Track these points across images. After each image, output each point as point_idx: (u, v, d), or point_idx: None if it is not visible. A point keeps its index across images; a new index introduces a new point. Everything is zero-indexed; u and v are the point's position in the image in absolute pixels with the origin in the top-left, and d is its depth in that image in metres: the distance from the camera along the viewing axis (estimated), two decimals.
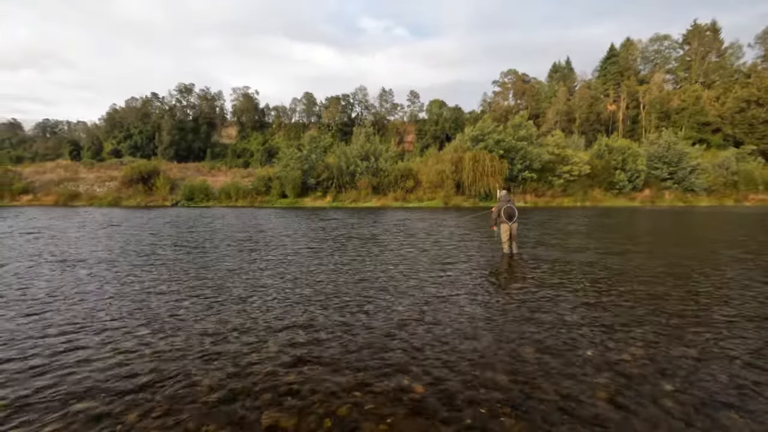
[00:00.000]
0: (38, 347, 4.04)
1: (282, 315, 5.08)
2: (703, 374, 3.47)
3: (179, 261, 8.65)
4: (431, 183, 34.43)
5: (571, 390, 3.20)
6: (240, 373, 3.50)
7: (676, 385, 3.28)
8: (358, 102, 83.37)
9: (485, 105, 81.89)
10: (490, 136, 34.71)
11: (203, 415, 2.87)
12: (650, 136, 44.49)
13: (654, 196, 37.90)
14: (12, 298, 5.86)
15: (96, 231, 14.40)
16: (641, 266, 8.11)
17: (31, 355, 3.86)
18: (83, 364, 3.65)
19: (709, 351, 3.97)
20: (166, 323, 4.76)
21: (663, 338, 4.28)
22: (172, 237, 12.71)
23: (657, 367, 3.61)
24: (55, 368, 3.57)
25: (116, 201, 34.07)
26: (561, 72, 78.05)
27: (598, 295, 5.99)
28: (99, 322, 4.81)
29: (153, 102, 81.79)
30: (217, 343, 4.15)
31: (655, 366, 3.63)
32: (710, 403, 3.03)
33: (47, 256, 9.27)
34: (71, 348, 4.03)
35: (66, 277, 7.18)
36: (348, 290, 6.29)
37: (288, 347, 4.06)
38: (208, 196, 34.86)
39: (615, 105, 68.40)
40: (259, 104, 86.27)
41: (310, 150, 36.46)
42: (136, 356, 3.85)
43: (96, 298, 5.87)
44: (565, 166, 36.35)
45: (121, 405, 2.99)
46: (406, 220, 18.65)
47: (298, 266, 8.11)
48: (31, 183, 36.08)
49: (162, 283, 6.69)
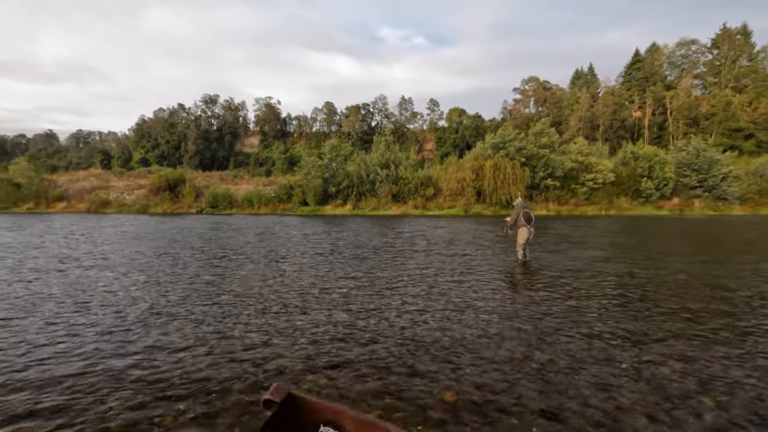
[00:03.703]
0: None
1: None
2: (745, 390, 3.32)
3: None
4: (451, 191, 34.27)
5: (606, 404, 3.10)
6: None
7: (717, 401, 3.14)
8: (378, 111, 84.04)
9: (506, 113, 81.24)
10: (511, 144, 34.40)
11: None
12: (678, 142, 43.29)
13: (683, 204, 36.67)
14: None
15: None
16: (672, 277, 7.84)
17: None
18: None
19: (750, 366, 3.80)
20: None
21: (700, 352, 4.12)
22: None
23: (696, 381, 3.48)
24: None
25: (144, 208, 35.19)
26: (583, 78, 76.87)
27: (630, 307, 5.82)
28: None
29: (179, 113, 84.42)
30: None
31: (695, 380, 3.49)
32: (757, 421, 2.89)
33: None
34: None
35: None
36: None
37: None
38: (232, 203, 35.63)
39: (640, 111, 66.78)
40: (281, 114, 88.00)
41: (330, 158, 36.94)
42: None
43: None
44: (588, 174, 35.62)
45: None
46: (434, 228, 18.59)
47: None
48: (65, 191, 37.67)
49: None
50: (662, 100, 63.87)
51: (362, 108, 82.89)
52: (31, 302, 5.97)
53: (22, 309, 5.61)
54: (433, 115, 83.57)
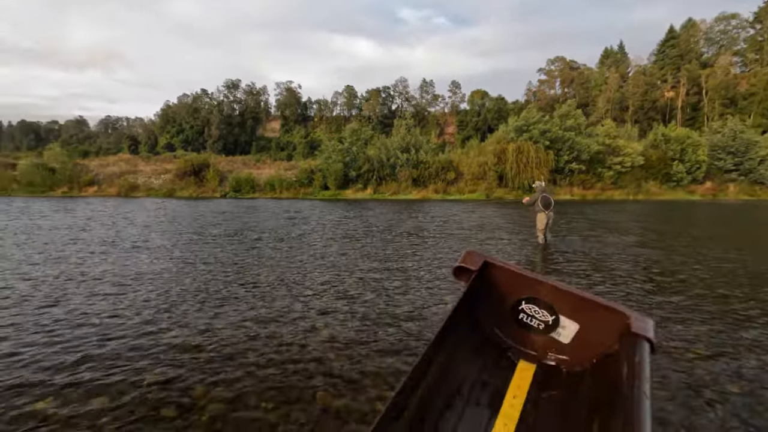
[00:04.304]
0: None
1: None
2: None
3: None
4: (473, 175, 33.86)
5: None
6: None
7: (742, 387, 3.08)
8: (399, 94, 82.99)
9: (530, 94, 79.00)
10: (535, 127, 33.57)
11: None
12: (713, 124, 41.32)
13: (716, 189, 35.21)
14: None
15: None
16: (706, 263, 7.61)
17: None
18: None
19: None
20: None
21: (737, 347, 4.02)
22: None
23: (725, 369, 3.40)
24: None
25: (171, 192, 36.18)
26: (613, 57, 73.69)
27: (663, 294, 5.70)
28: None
29: (202, 98, 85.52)
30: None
31: (723, 368, 3.41)
32: None
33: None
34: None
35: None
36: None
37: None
38: (254, 188, 36.23)
39: (673, 91, 63.77)
40: (302, 98, 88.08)
41: (351, 142, 36.94)
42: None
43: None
44: (616, 157, 34.50)
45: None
46: (463, 213, 18.49)
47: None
48: (96, 175, 39.03)
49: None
50: (697, 79, 60.71)
51: (383, 91, 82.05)
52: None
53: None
54: (454, 97, 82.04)
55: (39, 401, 2.79)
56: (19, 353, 3.55)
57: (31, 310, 4.74)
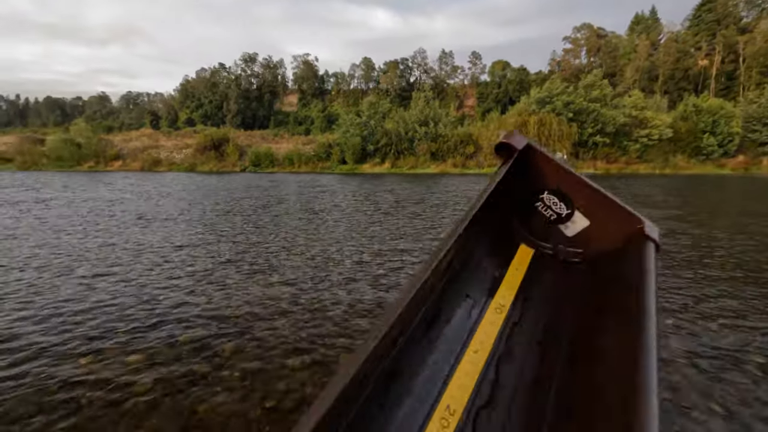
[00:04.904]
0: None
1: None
2: None
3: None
4: (493, 149, 33.28)
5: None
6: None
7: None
8: (417, 66, 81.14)
9: (554, 64, 76.12)
10: (558, 98, 32.56)
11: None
12: (750, 94, 39.26)
13: (749, 162, 33.72)
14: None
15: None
16: (740, 242, 7.43)
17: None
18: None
19: None
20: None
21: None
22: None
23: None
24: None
25: (192, 167, 36.89)
26: (644, 24, 69.97)
27: (698, 274, 5.63)
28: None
29: (220, 72, 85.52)
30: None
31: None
32: None
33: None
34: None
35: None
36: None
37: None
38: (273, 162, 36.57)
39: (707, 59, 60.39)
40: (319, 71, 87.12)
41: (368, 116, 36.61)
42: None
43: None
44: (643, 130, 33.32)
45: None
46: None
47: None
48: (120, 150, 40.02)
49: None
50: (734, 45, 57.18)
51: (401, 63, 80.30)
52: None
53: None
54: (474, 69, 79.76)
55: (82, 357, 3.04)
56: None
57: (77, 279, 5.04)
